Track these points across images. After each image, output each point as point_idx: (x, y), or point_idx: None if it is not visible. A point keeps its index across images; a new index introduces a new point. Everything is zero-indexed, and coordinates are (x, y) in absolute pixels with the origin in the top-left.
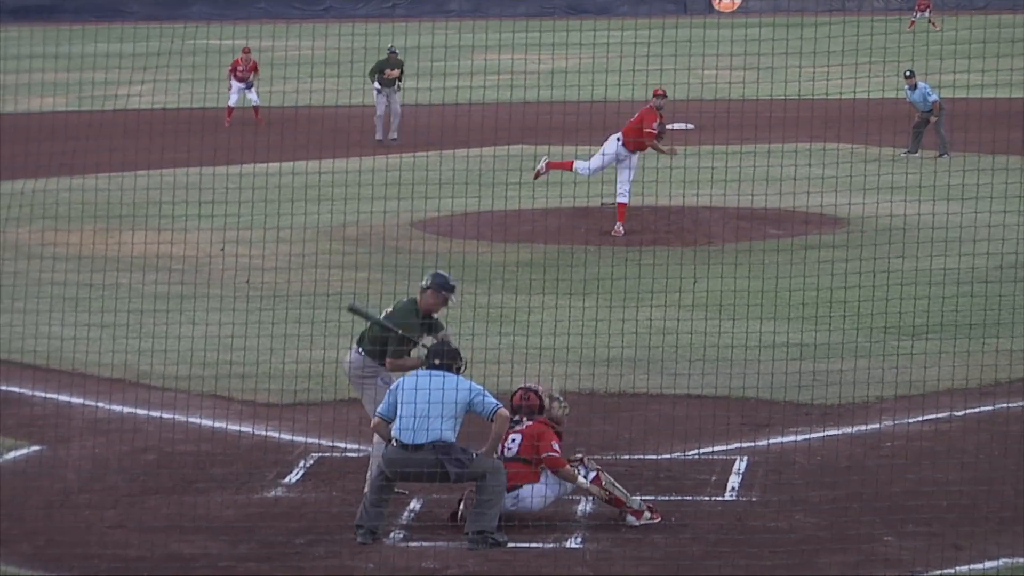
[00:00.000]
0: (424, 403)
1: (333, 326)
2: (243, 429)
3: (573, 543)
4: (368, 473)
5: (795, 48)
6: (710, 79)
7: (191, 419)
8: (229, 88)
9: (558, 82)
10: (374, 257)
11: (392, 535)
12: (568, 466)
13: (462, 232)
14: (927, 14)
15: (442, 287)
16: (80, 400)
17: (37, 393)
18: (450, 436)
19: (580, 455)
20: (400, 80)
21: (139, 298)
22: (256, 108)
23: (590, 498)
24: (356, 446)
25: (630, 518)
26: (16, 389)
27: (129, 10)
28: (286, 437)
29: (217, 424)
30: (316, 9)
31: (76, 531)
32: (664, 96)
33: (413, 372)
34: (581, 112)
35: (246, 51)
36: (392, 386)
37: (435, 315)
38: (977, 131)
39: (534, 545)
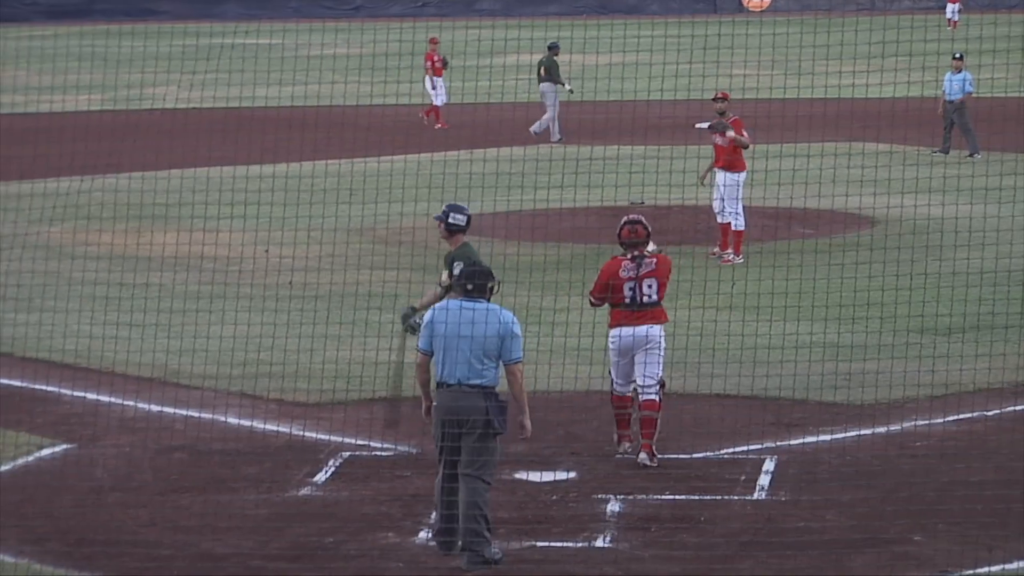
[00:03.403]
0: (467, 339)
1: (362, 326)
2: (274, 428)
3: (602, 543)
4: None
5: (821, 44)
6: (739, 77)
7: (222, 418)
8: (431, 86)
9: (588, 82)
10: (404, 257)
11: (421, 534)
12: None
13: (491, 232)
14: (957, 8)
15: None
16: (111, 399)
17: (69, 392)
18: (495, 379)
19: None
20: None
21: (171, 297)
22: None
23: (618, 497)
24: (387, 445)
25: (643, 455)
26: (48, 388)
27: (161, 10)
28: (316, 436)
29: (248, 423)
30: (346, 8)
31: (107, 530)
32: (718, 100)
33: (445, 302)
34: (611, 111)
35: (434, 41)
36: (428, 316)
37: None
38: (1015, 131)
39: (564, 544)
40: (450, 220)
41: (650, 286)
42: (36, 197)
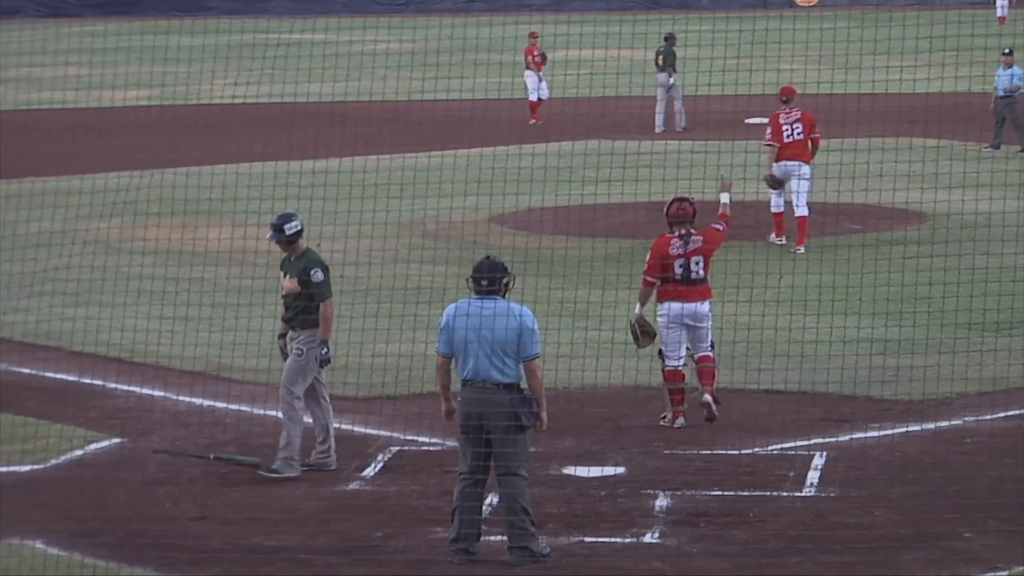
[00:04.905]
0: (487, 336)
1: (411, 320)
2: None
3: (651, 538)
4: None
5: (870, 39)
6: (787, 72)
7: (270, 412)
8: (535, 82)
9: (636, 76)
10: (452, 252)
11: None
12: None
13: (539, 227)
14: (1007, 3)
15: None
16: (161, 393)
17: (119, 386)
18: (517, 375)
19: None
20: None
21: (220, 292)
22: (540, 101)
23: (667, 492)
24: (435, 440)
25: (707, 396)
26: (98, 382)
27: (211, 6)
28: (365, 430)
29: None
30: (396, 4)
31: (157, 523)
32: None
33: (467, 302)
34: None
35: (534, 36)
36: (444, 319)
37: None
38: None
39: (613, 539)
40: (287, 230)
41: (697, 263)
42: (90, 193)
